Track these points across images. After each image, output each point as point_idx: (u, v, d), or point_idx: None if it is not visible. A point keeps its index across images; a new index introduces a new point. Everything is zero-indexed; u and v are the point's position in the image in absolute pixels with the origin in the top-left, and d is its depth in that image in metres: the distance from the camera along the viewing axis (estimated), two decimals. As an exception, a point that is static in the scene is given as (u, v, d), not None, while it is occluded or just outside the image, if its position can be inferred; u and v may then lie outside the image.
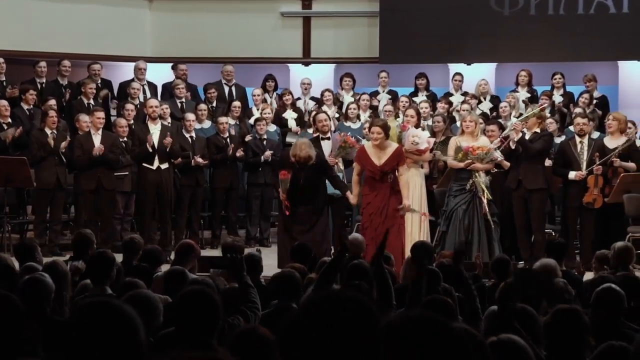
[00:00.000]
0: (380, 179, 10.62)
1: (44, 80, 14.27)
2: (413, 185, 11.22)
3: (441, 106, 13.94)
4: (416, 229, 11.16)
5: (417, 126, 11.40)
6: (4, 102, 13.09)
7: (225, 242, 8.47)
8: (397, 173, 10.68)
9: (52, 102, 13.14)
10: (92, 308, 2.72)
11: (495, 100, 14.66)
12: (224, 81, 15.12)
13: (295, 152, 10.65)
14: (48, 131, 12.37)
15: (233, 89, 15.09)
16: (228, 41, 16.29)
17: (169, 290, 6.27)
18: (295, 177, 10.67)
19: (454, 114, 13.95)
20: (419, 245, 8.25)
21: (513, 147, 11.35)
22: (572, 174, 11.47)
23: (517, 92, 14.59)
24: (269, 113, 13.89)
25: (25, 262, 7.30)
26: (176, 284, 6.17)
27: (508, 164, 11.42)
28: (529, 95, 14.54)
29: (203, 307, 4.46)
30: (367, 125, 11.70)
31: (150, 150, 12.13)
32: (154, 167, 12.26)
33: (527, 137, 11.37)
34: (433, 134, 12.50)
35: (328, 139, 11.83)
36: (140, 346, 2.68)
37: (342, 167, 11.83)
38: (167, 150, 12.16)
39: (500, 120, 13.04)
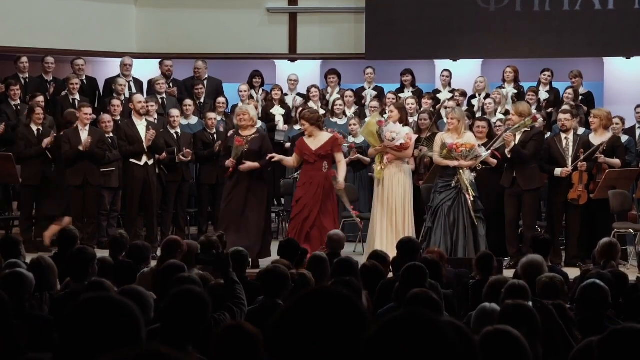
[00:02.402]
0: (314, 165, 11.02)
1: (27, 76, 14.23)
2: (397, 182, 11.25)
3: (426, 102, 13.96)
4: (400, 224, 11.20)
5: (402, 122, 11.40)
6: (-11, 99, 13.08)
7: (201, 240, 8.48)
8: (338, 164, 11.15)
9: (40, 98, 13.11)
10: (93, 303, 2.72)
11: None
12: (195, 77, 15.07)
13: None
14: (34, 127, 12.34)
15: (205, 83, 15.01)
16: (214, 37, 16.28)
17: (166, 285, 6.26)
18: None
19: (442, 110, 13.98)
20: (405, 241, 8.29)
21: (509, 156, 11.33)
22: (557, 171, 11.51)
23: (504, 88, 14.63)
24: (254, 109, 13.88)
25: (9, 258, 7.30)
26: (171, 278, 6.13)
27: (495, 161, 11.44)
28: (515, 91, 14.58)
29: (193, 308, 4.47)
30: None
31: (146, 149, 12.14)
32: (142, 163, 12.26)
33: (517, 137, 11.37)
34: (419, 130, 12.53)
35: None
36: (141, 344, 2.69)
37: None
38: (150, 144, 12.15)
39: (485, 116, 13.08)
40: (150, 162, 12.30)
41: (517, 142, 11.35)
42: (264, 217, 11.35)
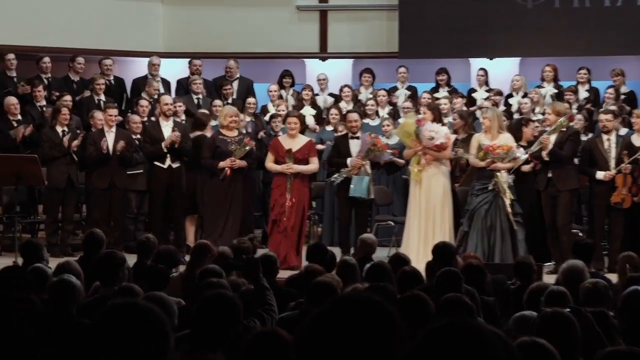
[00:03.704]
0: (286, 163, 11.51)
1: (50, 76, 14.32)
2: (435, 183, 11.23)
3: (459, 102, 13.90)
4: (438, 228, 11.16)
5: (434, 121, 11.38)
6: (14, 100, 13.15)
7: (231, 244, 8.50)
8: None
9: (68, 97, 13.21)
10: (122, 310, 2.73)
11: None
12: (226, 77, 15.12)
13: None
14: (59, 129, 12.41)
15: (235, 84, 15.08)
16: (242, 35, 16.30)
17: (202, 289, 6.27)
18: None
19: (478, 110, 13.92)
20: (440, 246, 8.25)
21: (547, 159, 11.27)
22: (600, 174, 11.41)
23: (543, 87, 14.54)
24: (284, 110, 13.85)
25: (31, 262, 7.34)
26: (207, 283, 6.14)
27: (529, 167, 11.36)
28: (555, 91, 14.48)
29: (224, 312, 4.47)
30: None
31: (165, 150, 12.19)
32: (165, 165, 12.31)
33: (552, 138, 11.29)
34: (453, 131, 12.49)
35: (357, 138, 11.89)
36: (169, 351, 2.69)
37: (369, 170, 11.83)
38: (176, 147, 12.19)
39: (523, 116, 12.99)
40: (175, 165, 12.34)
41: (553, 143, 11.27)
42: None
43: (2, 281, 6.14)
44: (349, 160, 11.72)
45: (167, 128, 12.35)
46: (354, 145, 11.88)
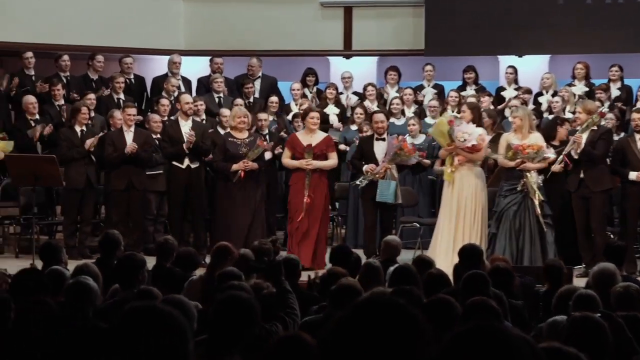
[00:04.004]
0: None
1: (69, 74, 14.38)
2: (467, 185, 11.20)
3: (486, 101, 13.86)
4: (468, 230, 11.12)
5: (474, 123, 11.34)
6: (32, 99, 13.22)
7: (252, 245, 8.49)
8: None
9: (92, 96, 13.29)
10: (139, 314, 2.73)
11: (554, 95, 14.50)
12: (248, 75, 15.14)
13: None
14: (78, 129, 12.44)
15: (258, 82, 15.10)
16: (265, 33, 16.31)
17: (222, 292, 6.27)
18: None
19: (506, 109, 13.87)
20: (467, 248, 8.23)
21: (577, 157, 11.21)
22: (632, 175, 11.34)
23: (574, 85, 14.46)
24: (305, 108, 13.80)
25: (50, 264, 7.37)
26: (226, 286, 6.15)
27: (560, 167, 11.30)
28: (586, 89, 14.40)
29: (239, 314, 4.47)
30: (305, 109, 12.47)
31: (187, 151, 12.21)
32: (184, 166, 12.34)
33: (583, 137, 11.22)
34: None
35: (383, 139, 11.85)
36: (189, 356, 2.69)
37: (395, 174, 11.76)
38: (191, 146, 12.22)
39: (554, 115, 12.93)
40: (194, 165, 12.37)
41: (585, 142, 11.20)
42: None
43: (19, 284, 6.17)
44: (365, 167, 11.66)
45: (186, 128, 12.37)
46: (379, 147, 11.84)
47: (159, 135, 12.67)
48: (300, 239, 11.48)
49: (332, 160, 11.80)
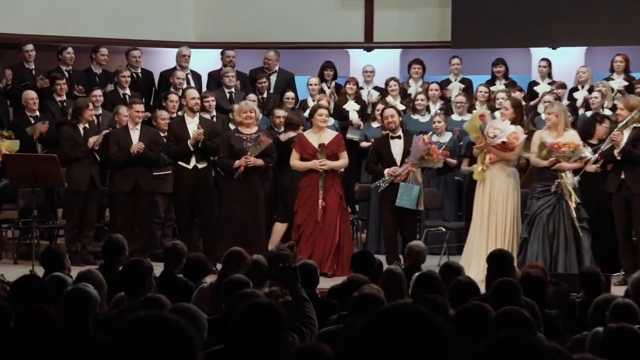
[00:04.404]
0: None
1: (70, 69, 14.41)
2: (498, 185, 11.17)
3: (518, 96, 13.80)
4: (500, 234, 11.09)
5: (515, 123, 11.31)
6: (32, 94, 13.26)
7: (270, 252, 8.49)
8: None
9: (97, 92, 13.31)
10: (144, 324, 2.73)
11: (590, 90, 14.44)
12: (264, 69, 15.15)
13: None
14: (81, 126, 12.46)
15: (274, 77, 15.11)
16: (280, 24, 16.32)
17: (227, 302, 6.28)
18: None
19: (539, 105, 13.83)
20: (496, 254, 8.21)
21: (619, 158, 11.13)
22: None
23: (612, 79, 14.41)
24: (325, 105, 13.72)
25: (51, 271, 7.38)
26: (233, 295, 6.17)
27: (596, 167, 11.26)
28: (625, 83, 14.33)
29: (268, 323, 4.48)
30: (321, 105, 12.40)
31: (192, 148, 12.21)
32: (190, 166, 12.34)
33: (625, 135, 11.15)
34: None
35: (399, 137, 11.80)
36: None
37: (419, 178, 11.67)
38: (200, 145, 12.22)
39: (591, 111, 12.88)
40: (201, 165, 12.37)
41: (626, 141, 11.14)
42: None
43: (18, 291, 6.18)
44: (386, 171, 11.61)
45: (192, 125, 12.37)
46: (397, 147, 11.78)
47: (167, 133, 12.65)
48: (316, 245, 11.46)
49: (344, 160, 11.79)
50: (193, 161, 12.35)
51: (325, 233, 11.49)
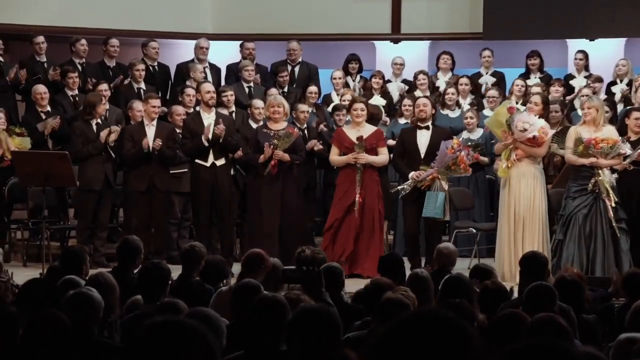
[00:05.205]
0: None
1: (84, 61, 14.45)
2: (525, 184, 11.13)
3: (556, 90, 13.79)
4: (528, 235, 11.06)
5: (543, 117, 11.30)
6: (42, 88, 13.30)
7: (303, 254, 8.46)
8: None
9: (104, 86, 13.34)
10: (161, 329, 2.74)
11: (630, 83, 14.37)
12: (288, 61, 15.18)
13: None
14: (93, 121, 12.51)
15: (297, 69, 15.13)
16: (302, 15, 16.34)
17: (239, 308, 6.31)
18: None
19: (576, 100, 13.79)
20: (529, 257, 8.20)
21: None
22: None
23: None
24: (350, 99, 13.65)
25: (69, 273, 7.41)
26: (247, 300, 6.20)
27: (624, 164, 11.22)
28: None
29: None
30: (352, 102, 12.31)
31: (206, 144, 12.23)
32: (208, 164, 12.37)
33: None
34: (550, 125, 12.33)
35: (427, 128, 11.72)
36: None
37: (445, 186, 11.40)
38: (220, 141, 12.23)
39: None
40: (220, 163, 12.39)
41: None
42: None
43: (25, 296, 6.22)
44: (411, 174, 11.47)
45: (209, 120, 12.36)
46: (423, 137, 11.65)
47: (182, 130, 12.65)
48: (351, 244, 11.49)
49: (384, 156, 11.79)
50: (211, 158, 12.36)
51: (362, 232, 11.51)
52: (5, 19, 14.99)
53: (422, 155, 11.59)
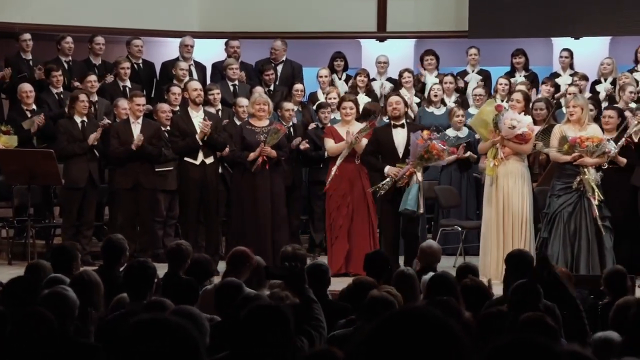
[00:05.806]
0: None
1: (70, 59, 14.42)
2: (513, 182, 11.12)
3: (544, 89, 13.82)
4: (517, 234, 11.07)
5: (526, 114, 11.32)
6: (28, 87, 13.25)
7: (284, 250, 8.50)
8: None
9: (92, 78, 13.34)
10: (147, 327, 2.75)
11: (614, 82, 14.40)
12: (271, 59, 15.16)
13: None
14: (78, 119, 12.49)
15: (280, 68, 15.13)
16: (288, 13, 16.33)
17: (222, 307, 6.32)
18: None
19: (561, 98, 13.82)
20: (515, 255, 8.21)
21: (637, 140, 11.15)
22: None
23: (637, 71, 14.39)
24: (335, 98, 13.44)
25: (59, 271, 7.40)
26: (230, 299, 6.21)
27: (624, 160, 11.26)
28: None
29: (275, 326, 4.49)
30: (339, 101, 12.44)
31: (201, 143, 12.23)
32: (198, 161, 12.36)
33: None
34: (534, 122, 12.35)
35: (402, 126, 11.52)
36: None
37: (420, 177, 11.14)
38: (205, 138, 12.23)
39: (617, 105, 12.85)
40: (209, 161, 12.40)
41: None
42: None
43: (9, 295, 6.20)
44: (386, 170, 11.23)
45: (198, 119, 12.37)
46: (399, 136, 11.43)
47: (168, 128, 12.64)
48: (344, 240, 11.60)
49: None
50: (200, 156, 12.36)
51: (360, 228, 11.63)
52: (-9, 17, 14.97)
53: (401, 155, 11.35)
